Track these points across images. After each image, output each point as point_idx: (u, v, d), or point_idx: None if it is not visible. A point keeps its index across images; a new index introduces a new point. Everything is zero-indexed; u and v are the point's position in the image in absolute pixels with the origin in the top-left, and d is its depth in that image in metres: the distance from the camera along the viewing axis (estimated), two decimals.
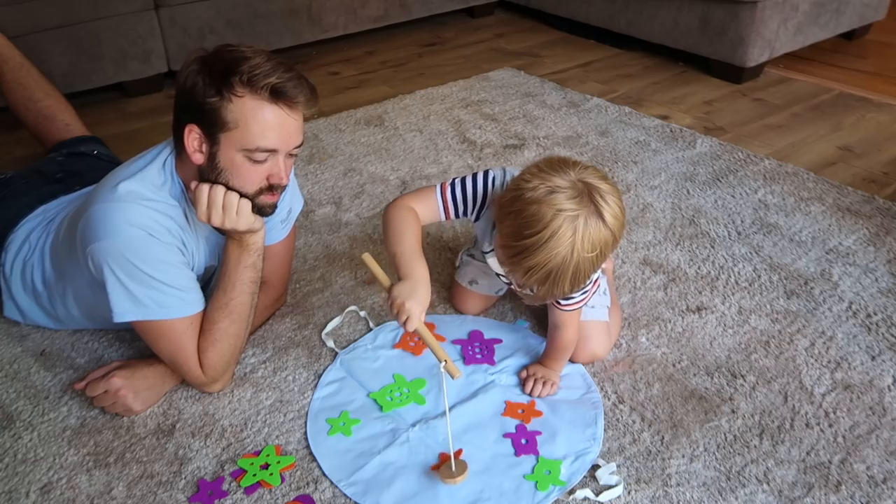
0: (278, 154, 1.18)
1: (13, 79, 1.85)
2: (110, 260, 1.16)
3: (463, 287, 1.51)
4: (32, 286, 1.40)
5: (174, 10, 2.47)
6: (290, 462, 1.19)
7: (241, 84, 1.11)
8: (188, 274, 1.25)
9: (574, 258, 1.06)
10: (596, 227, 1.07)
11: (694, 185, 1.97)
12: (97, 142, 1.84)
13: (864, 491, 1.14)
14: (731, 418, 1.27)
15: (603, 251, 1.09)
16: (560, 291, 1.12)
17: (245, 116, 1.13)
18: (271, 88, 1.12)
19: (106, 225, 1.16)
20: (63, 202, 1.46)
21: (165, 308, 1.21)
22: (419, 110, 2.42)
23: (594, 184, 1.09)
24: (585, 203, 1.07)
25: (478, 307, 1.53)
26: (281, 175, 1.20)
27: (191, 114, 1.15)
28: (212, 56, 1.15)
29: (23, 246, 1.41)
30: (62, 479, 1.18)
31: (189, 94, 1.14)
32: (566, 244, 1.05)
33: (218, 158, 1.17)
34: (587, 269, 1.09)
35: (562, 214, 1.05)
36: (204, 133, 1.16)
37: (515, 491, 1.14)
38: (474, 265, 1.48)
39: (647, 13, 2.74)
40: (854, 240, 1.73)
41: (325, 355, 1.42)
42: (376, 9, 2.94)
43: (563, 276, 1.08)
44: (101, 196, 1.20)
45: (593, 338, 1.37)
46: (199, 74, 1.13)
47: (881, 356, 1.39)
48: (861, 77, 2.68)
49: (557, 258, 1.06)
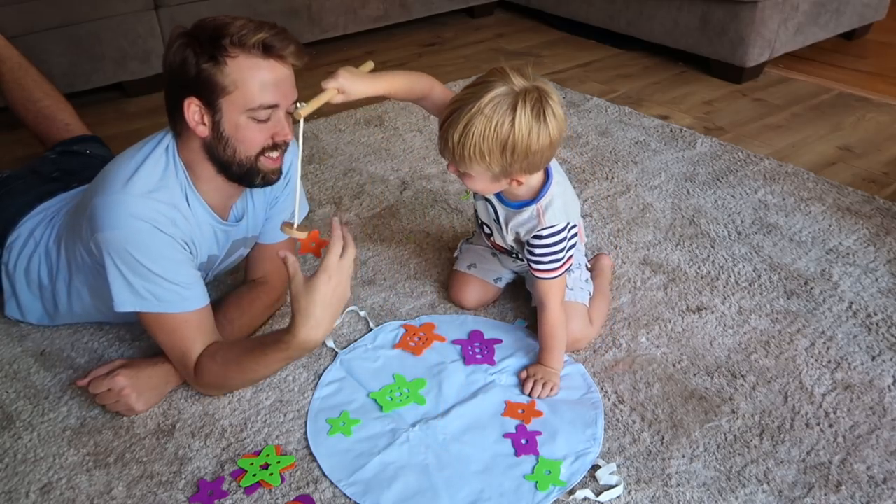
0: (279, 110, 1.19)
1: (12, 79, 1.84)
2: (112, 251, 1.17)
3: (461, 273, 1.52)
4: (38, 281, 1.40)
5: (174, 10, 2.48)
6: (290, 462, 1.19)
7: (232, 45, 1.13)
8: (190, 270, 1.25)
9: (474, 111, 1.12)
10: (511, 104, 1.12)
11: (694, 185, 1.97)
12: (96, 141, 1.83)
13: (864, 491, 1.14)
14: (731, 418, 1.27)
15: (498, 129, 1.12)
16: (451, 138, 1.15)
17: (242, 76, 1.14)
18: (262, 43, 1.14)
19: (111, 216, 1.17)
20: (62, 199, 1.46)
21: (164, 302, 1.21)
22: (419, 110, 2.42)
23: (543, 88, 1.15)
24: (523, 94, 1.13)
25: (476, 296, 1.52)
26: (285, 131, 1.21)
27: (186, 87, 1.16)
28: (194, 29, 1.16)
29: (27, 242, 1.41)
30: (62, 479, 1.18)
31: (181, 69, 1.15)
32: (474, 99, 1.13)
33: (222, 126, 1.17)
34: (475, 132, 1.13)
35: (500, 79, 1.14)
36: (203, 104, 1.16)
37: (515, 491, 1.14)
38: (474, 250, 1.51)
39: (647, 13, 2.74)
40: (854, 240, 1.73)
41: (325, 355, 1.42)
42: (376, 9, 2.94)
43: (457, 122, 1.14)
44: (107, 187, 1.20)
45: (572, 320, 1.37)
46: (188, 47, 1.14)
47: (881, 356, 1.39)
48: (861, 77, 2.68)
49: (463, 104, 1.14)
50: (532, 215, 1.28)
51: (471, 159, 1.16)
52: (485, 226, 1.41)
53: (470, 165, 1.18)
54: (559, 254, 1.28)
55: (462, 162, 1.18)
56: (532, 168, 1.20)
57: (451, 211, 1.89)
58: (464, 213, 1.87)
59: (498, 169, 1.18)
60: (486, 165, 1.17)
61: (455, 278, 1.54)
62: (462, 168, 1.20)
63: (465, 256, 1.54)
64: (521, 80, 1.14)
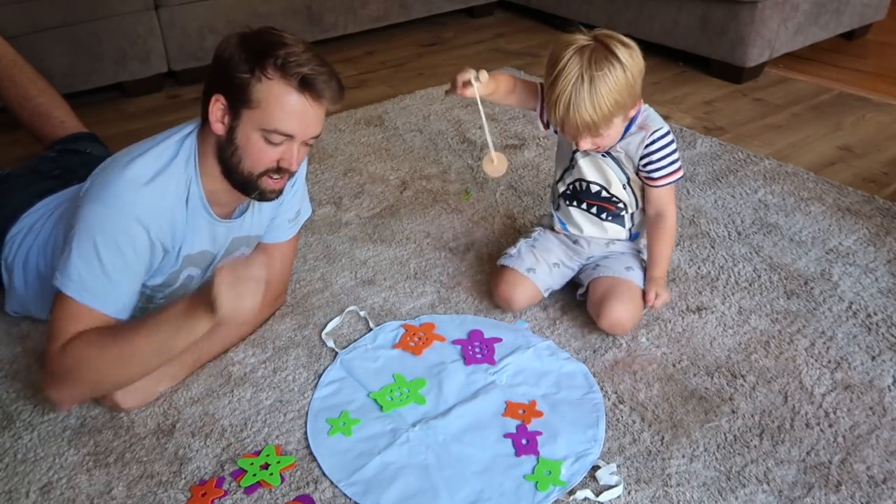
0: (294, 140, 1.20)
1: (7, 76, 1.84)
2: (83, 225, 1.17)
3: (519, 275, 1.49)
4: (36, 271, 1.39)
5: (174, 10, 2.47)
6: (290, 462, 1.19)
7: (273, 67, 1.14)
8: (135, 280, 1.22)
9: (587, 78, 1.24)
10: (604, 53, 1.25)
11: (694, 185, 1.97)
12: (93, 139, 1.83)
13: (864, 491, 1.14)
14: (731, 418, 1.27)
15: (616, 76, 1.25)
16: (586, 115, 1.26)
17: (270, 98, 1.15)
18: (302, 78, 1.14)
19: (102, 191, 1.18)
20: (62, 196, 1.46)
21: (84, 290, 1.17)
22: (419, 110, 2.42)
23: (608, 34, 1.29)
24: (596, 44, 1.27)
25: (525, 299, 1.50)
26: (292, 160, 1.22)
27: (220, 84, 1.18)
28: (253, 35, 1.18)
29: (27, 236, 1.41)
30: (62, 479, 1.18)
31: (223, 65, 1.17)
32: (575, 68, 1.25)
33: (236, 134, 1.18)
34: (604, 91, 1.24)
35: (572, 47, 1.26)
36: (228, 105, 1.18)
37: (516, 491, 1.14)
38: (539, 252, 1.51)
39: (647, 13, 2.74)
40: (854, 240, 1.73)
41: (325, 355, 1.42)
42: (376, 9, 2.94)
43: (579, 98, 1.25)
44: (109, 165, 1.21)
45: (623, 300, 1.40)
46: (238, 48, 1.16)
47: (881, 356, 1.39)
48: (861, 77, 2.68)
49: (568, 85, 1.25)
50: (637, 133, 1.38)
51: (611, 115, 1.28)
52: (591, 185, 1.45)
53: (611, 122, 1.30)
54: (673, 154, 1.38)
55: (605, 124, 1.29)
56: (640, 87, 1.32)
57: (451, 211, 1.89)
58: (464, 213, 1.87)
59: (630, 103, 1.30)
60: (623, 110, 1.29)
61: (510, 277, 1.50)
62: (604, 129, 1.30)
63: (524, 259, 1.50)
64: (582, 36, 1.29)
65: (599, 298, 1.42)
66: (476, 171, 2.07)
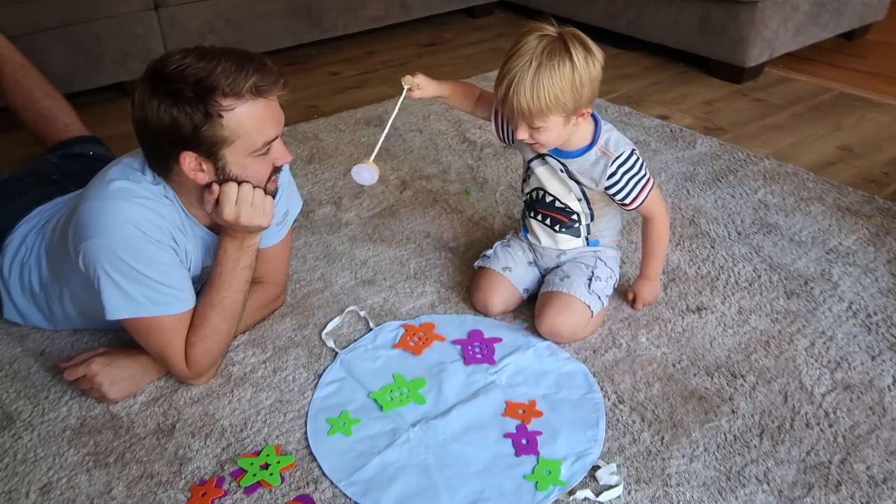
0: (278, 139, 1.21)
1: (12, 79, 1.84)
2: (102, 258, 1.16)
3: (495, 274, 1.50)
4: (30, 288, 1.40)
5: (174, 10, 2.47)
6: (290, 462, 1.19)
7: (224, 97, 1.10)
8: (182, 272, 1.25)
9: (535, 65, 1.22)
10: (560, 48, 1.23)
11: (694, 185, 1.97)
12: (96, 142, 1.83)
13: (864, 491, 1.14)
14: (731, 418, 1.27)
15: (563, 72, 1.22)
16: (523, 100, 1.23)
17: (242, 125, 1.14)
18: (253, 89, 1.12)
19: (98, 222, 1.17)
20: (59, 203, 1.46)
21: (160, 305, 1.21)
22: (419, 110, 2.42)
23: (575, 33, 1.27)
24: (557, 38, 1.25)
25: (503, 301, 1.50)
26: (284, 155, 1.23)
27: (179, 143, 1.14)
28: (169, 83, 1.10)
29: (20, 248, 1.41)
30: (62, 479, 1.18)
31: (172, 129, 1.11)
32: (528, 52, 1.23)
33: (228, 169, 1.18)
34: (546, 83, 1.22)
35: (535, 33, 1.25)
36: (202, 155, 1.15)
37: (516, 491, 1.14)
38: (511, 253, 1.52)
39: (647, 13, 2.74)
40: (854, 240, 1.73)
41: (325, 355, 1.42)
42: (376, 9, 2.94)
43: (522, 82, 1.22)
44: (92, 193, 1.20)
45: (566, 311, 1.40)
46: (174, 107, 1.10)
47: (881, 356, 1.39)
48: (861, 77, 2.68)
49: (517, 66, 1.23)
50: (598, 155, 1.35)
51: (547, 108, 1.24)
52: (546, 195, 1.43)
53: (546, 116, 1.25)
54: (639, 173, 1.36)
55: (539, 115, 1.25)
56: (593, 96, 1.29)
57: (451, 211, 1.89)
58: (464, 213, 1.87)
59: (571, 106, 1.26)
60: (562, 107, 1.25)
61: (485, 279, 1.51)
62: (538, 122, 1.27)
63: (500, 258, 1.52)
64: (551, 27, 1.26)
65: (538, 310, 1.45)
66: (476, 171, 2.07)
